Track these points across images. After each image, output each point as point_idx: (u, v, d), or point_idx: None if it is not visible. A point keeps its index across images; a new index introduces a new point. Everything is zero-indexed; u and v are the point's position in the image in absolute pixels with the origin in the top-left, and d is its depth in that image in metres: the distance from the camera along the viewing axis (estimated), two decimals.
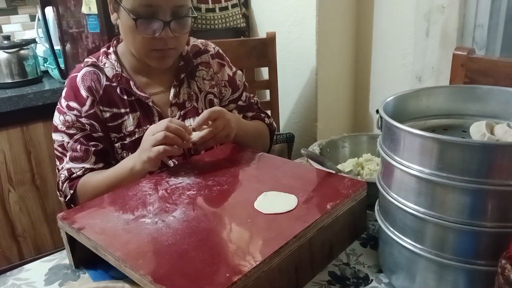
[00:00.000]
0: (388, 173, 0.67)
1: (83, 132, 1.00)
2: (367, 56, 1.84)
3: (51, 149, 1.87)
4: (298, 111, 1.87)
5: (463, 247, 0.59)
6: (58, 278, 0.76)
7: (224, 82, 1.16)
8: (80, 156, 1.00)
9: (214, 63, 1.15)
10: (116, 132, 1.02)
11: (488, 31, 1.51)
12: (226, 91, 1.17)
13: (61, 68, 1.80)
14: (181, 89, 1.09)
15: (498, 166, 0.53)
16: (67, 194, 1.01)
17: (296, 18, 1.73)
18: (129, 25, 0.95)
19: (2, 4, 2.10)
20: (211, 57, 1.15)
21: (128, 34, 0.98)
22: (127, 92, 1.02)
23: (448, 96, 0.78)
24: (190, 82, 1.10)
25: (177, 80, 1.08)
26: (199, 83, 1.12)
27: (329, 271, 0.74)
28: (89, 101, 1.00)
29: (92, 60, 1.03)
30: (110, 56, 1.04)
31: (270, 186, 0.82)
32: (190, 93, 1.09)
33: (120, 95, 1.02)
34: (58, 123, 1.01)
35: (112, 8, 0.99)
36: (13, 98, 1.70)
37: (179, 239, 0.66)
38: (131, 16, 0.93)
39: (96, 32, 1.43)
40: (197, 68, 1.12)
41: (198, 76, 1.12)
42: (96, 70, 1.02)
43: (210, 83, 1.13)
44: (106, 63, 1.03)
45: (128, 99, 1.02)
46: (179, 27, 0.97)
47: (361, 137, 1.14)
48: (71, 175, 1.00)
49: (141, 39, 0.96)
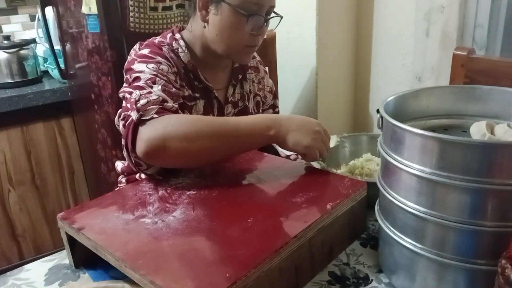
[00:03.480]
0: (388, 173, 0.67)
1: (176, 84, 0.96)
2: (367, 56, 1.84)
3: (51, 149, 1.88)
4: (298, 111, 1.87)
5: (463, 247, 0.58)
6: (58, 278, 0.76)
7: (269, 88, 1.26)
8: (173, 93, 0.90)
9: (261, 69, 1.24)
10: (189, 112, 1.02)
11: (488, 31, 1.51)
12: (269, 96, 1.26)
13: (61, 68, 1.80)
14: (236, 88, 1.15)
15: (498, 166, 0.53)
16: (146, 115, 0.81)
17: (296, 18, 1.73)
18: (232, 21, 0.97)
19: (2, 4, 2.10)
20: (258, 62, 1.24)
21: (225, 31, 0.98)
22: (197, 79, 1.05)
23: (448, 96, 0.78)
24: (243, 83, 1.17)
25: (236, 80, 1.14)
26: (250, 85, 1.19)
27: (329, 271, 0.74)
28: (175, 69, 0.99)
29: (167, 42, 1.03)
30: (179, 42, 1.04)
31: (270, 186, 0.82)
32: (243, 93, 1.16)
33: (193, 79, 1.04)
34: (145, 69, 0.91)
35: (201, 5, 0.98)
36: (13, 98, 1.70)
37: (179, 239, 0.66)
38: (242, 12, 0.95)
39: (96, 32, 1.43)
40: (247, 71, 1.19)
41: (249, 78, 1.19)
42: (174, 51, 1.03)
43: (258, 86, 1.22)
44: (178, 48, 1.03)
45: (198, 86, 1.05)
46: (267, 26, 1.04)
47: (361, 137, 1.15)
48: (164, 102, 0.86)
49: (241, 35, 0.98)
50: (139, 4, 1.34)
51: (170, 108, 0.86)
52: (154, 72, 0.91)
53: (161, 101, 0.86)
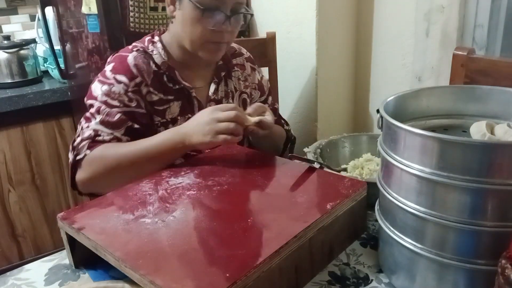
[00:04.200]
0: (388, 173, 0.67)
1: (126, 108, 0.99)
2: (367, 56, 1.84)
3: (51, 149, 1.88)
4: (298, 111, 1.87)
5: (463, 247, 0.58)
6: (58, 278, 0.76)
7: (255, 85, 1.24)
8: (112, 123, 0.97)
9: (248, 66, 1.22)
10: (161, 117, 1.04)
11: (488, 31, 1.51)
12: (255, 93, 1.24)
13: (61, 68, 1.80)
14: (220, 86, 1.14)
15: (498, 166, 0.53)
16: (80, 153, 0.95)
17: (296, 18, 1.73)
18: (192, 16, 0.97)
19: (2, 4, 2.10)
20: (245, 59, 1.22)
21: (187, 25, 1.00)
22: (172, 80, 1.05)
23: (448, 96, 0.78)
24: (228, 80, 1.16)
25: (218, 77, 1.13)
26: (235, 83, 1.18)
27: (329, 271, 0.74)
28: (138, 80, 1.01)
29: (140, 45, 1.06)
30: (156, 45, 1.06)
31: (270, 186, 0.82)
32: (227, 91, 1.15)
33: (167, 82, 1.05)
34: (98, 93, 0.99)
35: (170, 1, 1.01)
36: (13, 98, 1.70)
37: (179, 239, 0.66)
38: (199, 6, 0.95)
39: (96, 32, 1.43)
40: (233, 69, 1.18)
41: (234, 76, 1.18)
42: (146, 56, 1.04)
43: (244, 84, 1.20)
44: (153, 50, 1.05)
45: (174, 88, 1.05)
46: (237, 23, 1.02)
47: (361, 137, 1.15)
48: (96, 136, 0.96)
49: (201, 30, 0.98)
50: (139, 4, 1.34)
51: (102, 140, 0.96)
52: (104, 97, 0.99)
53: (94, 135, 0.96)
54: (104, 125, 0.97)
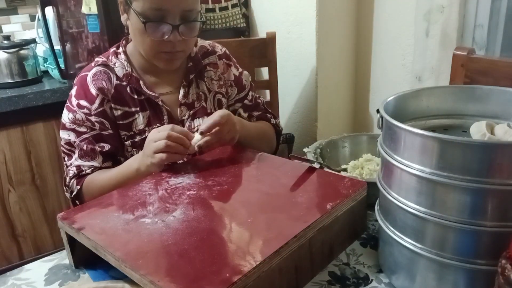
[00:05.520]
0: (388, 173, 0.67)
1: (92, 132, 1.01)
2: (367, 56, 1.84)
3: (51, 149, 1.87)
4: (298, 111, 1.87)
5: (463, 247, 0.58)
6: (58, 278, 0.76)
7: (230, 82, 1.18)
8: (88, 154, 1.01)
9: (221, 64, 1.17)
10: (127, 130, 1.03)
11: (488, 31, 1.51)
12: (232, 90, 1.19)
13: (61, 68, 1.80)
14: (190, 89, 1.10)
15: (498, 166, 0.53)
16: (73, 190, 1.02)
17: (296, 18, 1.73)
18: (138, 27, 0.96)
19: (2, 4, 2.10)
20: (218, 57, 1.17)
21: (137, 36, 0.99)
22: (137, 91, 1.04)
23: (448, 96, 0.78)
24: (199, 82, 1.12)
25: (186, 80, 1.09)
26: (208, 84, 1.14)
27: (329, 271, 0.74)
28: (99, 99, 1.01)
29: (102, 60, 1.05)
30: (120, 56, 1.05)
31: (270, 186, 0.82)
32: (199, 93, 1.11)
33: (130, 94, 1.03)
34: (66, 121, 1.02)
35: (122, 9, 1.00)
36: (13, 98, 1.70)
37: (179, 239, 0.66)
38: (141, 19, 0.93)
39: (96, 32, 1.43)
40: (205, 69, 1.14)
41: (206, 77, 1.14)
42: (107, 70, 1.03)
43: (218, 83, 1.15)
44: (116, 62, 1.04)
45: (138, 98, 1.04)
46: (188, 31, 0.98)
47: (361, 137, 1.14)
48: (80, 172, 1.01)
49: (150, 41, 0.97)
50: None
51: (85, 174, 1.01)
52: (72, 125, 1.02)
53: (78, 172, 1.01)
54: (83, 159, 1.01)
